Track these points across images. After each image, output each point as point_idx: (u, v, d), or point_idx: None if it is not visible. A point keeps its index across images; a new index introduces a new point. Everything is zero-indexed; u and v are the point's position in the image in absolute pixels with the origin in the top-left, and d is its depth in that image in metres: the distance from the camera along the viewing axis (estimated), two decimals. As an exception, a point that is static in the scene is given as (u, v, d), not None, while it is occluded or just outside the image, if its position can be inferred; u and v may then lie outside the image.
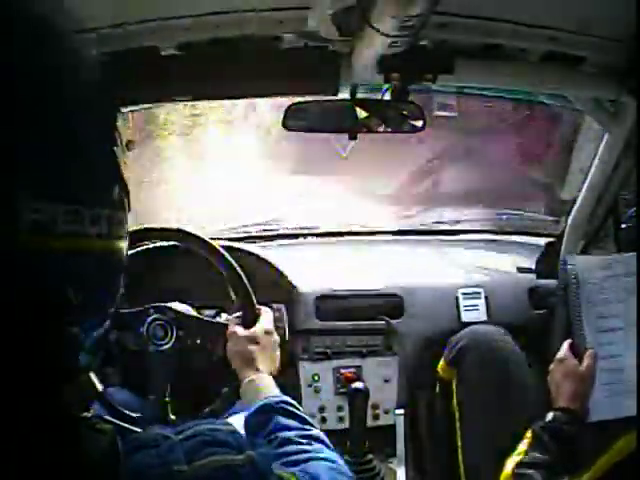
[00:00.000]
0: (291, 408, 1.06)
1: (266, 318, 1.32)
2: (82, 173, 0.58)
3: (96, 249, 0.59)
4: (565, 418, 1.32)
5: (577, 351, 1.41)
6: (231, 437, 0.70)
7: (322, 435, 1.01)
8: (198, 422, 0.71)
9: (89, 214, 0.57)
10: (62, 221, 0.55)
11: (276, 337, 1.31)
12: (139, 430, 0.70)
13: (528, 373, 1.60)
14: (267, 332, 1.29)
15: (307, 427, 1.02)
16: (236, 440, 0.70)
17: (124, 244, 0.64)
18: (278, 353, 1.31)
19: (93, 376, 0.65)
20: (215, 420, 0.84)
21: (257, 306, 1.35)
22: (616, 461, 0.95)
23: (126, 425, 0.70)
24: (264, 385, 1.17)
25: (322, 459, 0.91)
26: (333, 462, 0.91)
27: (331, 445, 0.99)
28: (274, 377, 1.23)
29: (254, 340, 1.26)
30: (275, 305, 1.76)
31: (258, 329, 1.28)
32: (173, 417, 1.34)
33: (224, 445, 0.67)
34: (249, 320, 1.31)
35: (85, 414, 0.63)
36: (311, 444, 0.96)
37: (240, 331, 1.28)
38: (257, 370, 1.21)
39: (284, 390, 1.16)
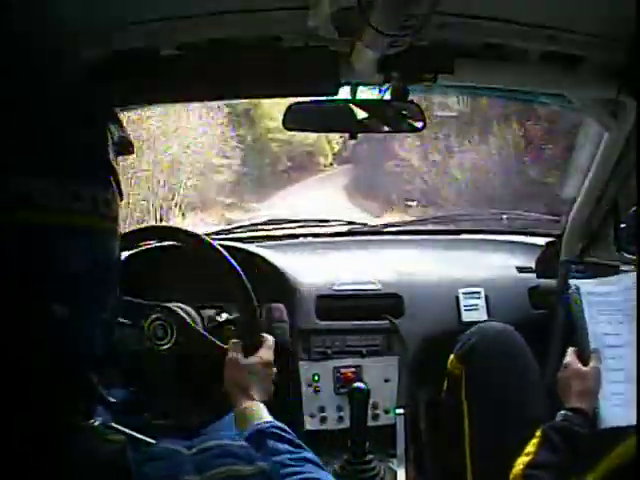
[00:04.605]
0: (282, 432, 1.07)
1: (267, 348, 1.31)
2: (69, 152, 0.60)
3: (81, 225, 0.60)
4: (575, 418, 1.31)
5: (582, 357, 1.41)
6: (242, 450, 0.70)
7: (313, 456, 1.03)
8: (209, 437, 0.72)
9: (74, 190, 0.59)
10: (48, 196, 0.57)
11: (274, 369, 1.29)
12: (147, 439, 0.70)
13: (537, 372, 1.60)
14: (266, 364, 1.28)
15: (298, 450, 1.03)
16: (247, 452, 0.70)
17: (111, 224, 0.64)
18: (272, 382, 1.29)
19: (94, 378, 0.65)
20: (227, 435, 0.84)
21: (260, 334, 1.33)
22: (619, 464, 0.95)
23: (135, 434, 0.70)
24: (255, 411, 1.17)
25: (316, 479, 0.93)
26: None
27: (322, 465, 1.01)
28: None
29: (253, 371, 1.25)
30: (275, 305, 1.76)
31: (258, 360, 1.27)
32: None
33: (234, 457, 0.68)
34: (250, 348, 1.30)
35: (92, 422, 0.63)
36: (303, 466, 0.98)
37: (240, 359, 1.27)
38: (251, 398, 1.21)
39: (284, 390, 1.16)
